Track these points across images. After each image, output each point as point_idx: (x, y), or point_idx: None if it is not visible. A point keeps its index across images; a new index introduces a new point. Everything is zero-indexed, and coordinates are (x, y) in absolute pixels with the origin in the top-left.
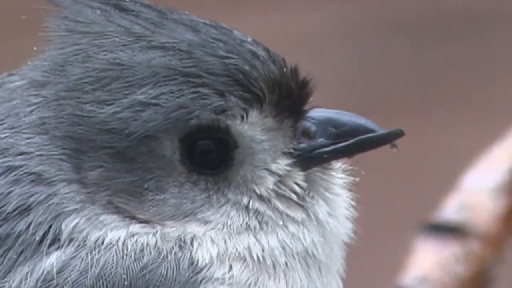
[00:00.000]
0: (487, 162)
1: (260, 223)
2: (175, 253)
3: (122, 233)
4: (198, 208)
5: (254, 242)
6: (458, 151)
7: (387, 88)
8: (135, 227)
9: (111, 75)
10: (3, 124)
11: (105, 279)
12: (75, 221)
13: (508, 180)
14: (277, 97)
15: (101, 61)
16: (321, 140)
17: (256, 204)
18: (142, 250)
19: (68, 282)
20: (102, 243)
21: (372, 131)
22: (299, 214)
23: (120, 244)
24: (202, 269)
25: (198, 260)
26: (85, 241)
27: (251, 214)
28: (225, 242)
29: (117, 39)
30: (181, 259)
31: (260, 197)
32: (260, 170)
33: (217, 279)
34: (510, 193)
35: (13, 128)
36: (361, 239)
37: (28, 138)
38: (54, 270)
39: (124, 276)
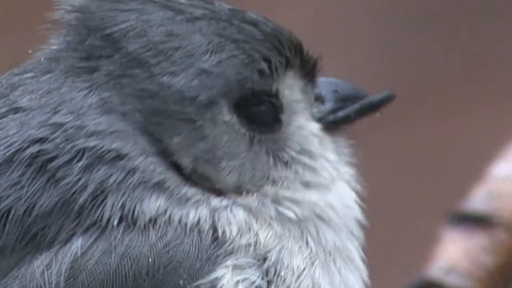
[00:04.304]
0: None
1: (320, 179)
2: (199, 228)
3: (204, 210)
4: (270, 169)
5: (319, 199)
6: (487, 140)
7: (415, 72)
8: (215, 201)
9: (171, 46)
10: (61, 110)
11: (130, 258)
12: (157, 202)
13: None
14: (300, 61)
15: (158, 34)
16: (330, 104)
17: (312, 163)
18: (227, 226)
19: (90, 262)
20: (186, 223)
21: (365, 96)
22: (334, 174)
23: (206, 222)
24: (224, 242)
25: (221, 232)
26: (168, 223)
27: (312, 172)
28: (290, 201)
29: (160, 13)
30: (204, 234)
31: (314, 156)
32: (304, 131)
33: (240, 249)
34: None
35: (73, 112)
36: (387, 229)
37: (94, 119)
38: (80, 252)
39: (148, 254)
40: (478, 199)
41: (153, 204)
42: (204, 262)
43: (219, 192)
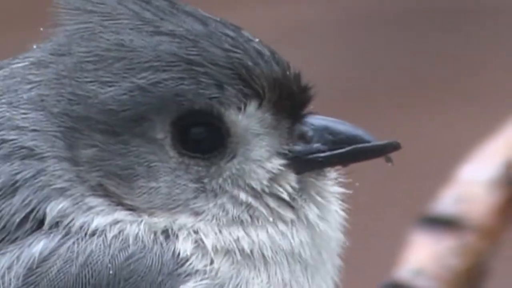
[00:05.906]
0: (483, 154)
1: (251, 217)
2: (160, 244)
3: (107, 220)
4: (190, 198)
5: (243, 236)
6: (455, 143)
7: (379, 79)
8: (121, 214)
9: (114, 56)
10: (2, 99)
11: (91, 268)
12: (61, 205)
13: (503, 172)
14: (277, 97)
15: (107, 41)
16: (317, 146)
17: (250, 199)
18: (124, 239)
19: (52, 270)
20: (87, 230)
21: (368, 141)
22: (289, 214)
23: (105, 231)
24: (184, 262)
25: (180, 252)
26: (70, 227)
27: (244, 208)
28: (214, 234)
29: (125, 21)
30: (165, 251)
31: (254, 192)
32: (255, 165)
33: (199, 271)
34: (506, 186)
35: (10, 103)
36: (356, 232)
37: (24, 114)
38: (40, 257)
39: (110, 265)
40: (446, 202)
41: (57, 207)
42: (166, 278)
43: (126, 207)
